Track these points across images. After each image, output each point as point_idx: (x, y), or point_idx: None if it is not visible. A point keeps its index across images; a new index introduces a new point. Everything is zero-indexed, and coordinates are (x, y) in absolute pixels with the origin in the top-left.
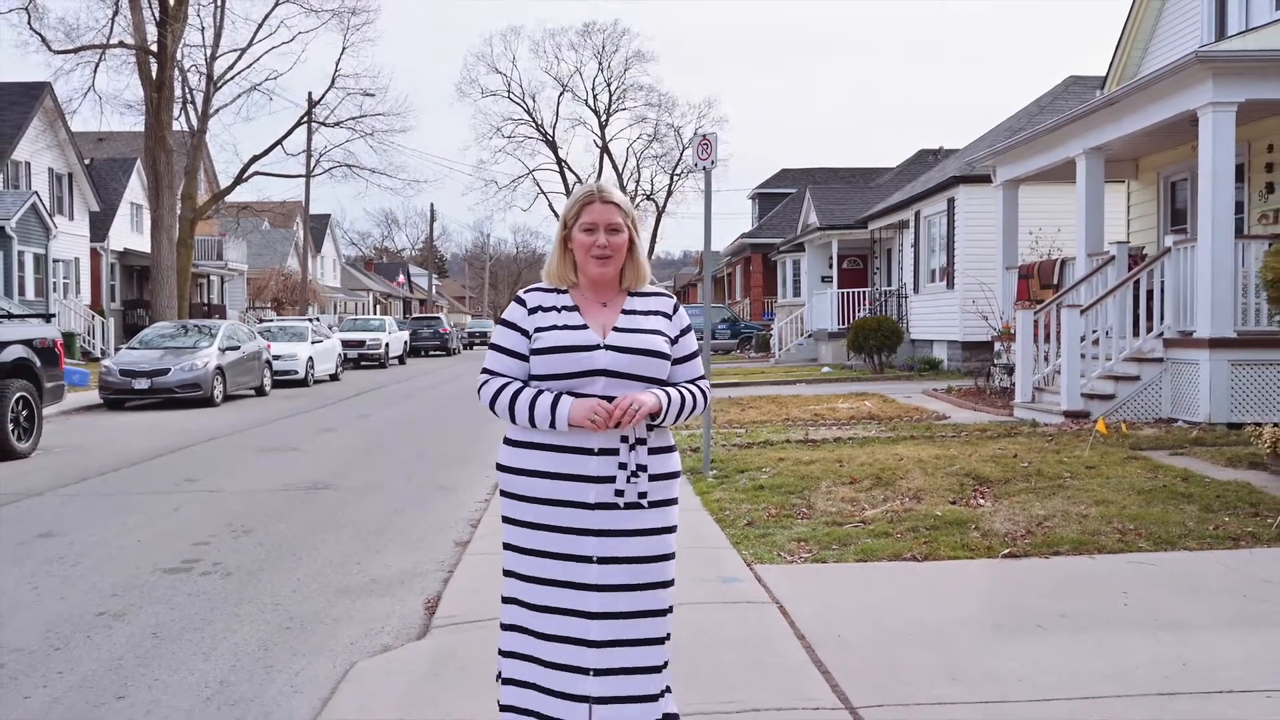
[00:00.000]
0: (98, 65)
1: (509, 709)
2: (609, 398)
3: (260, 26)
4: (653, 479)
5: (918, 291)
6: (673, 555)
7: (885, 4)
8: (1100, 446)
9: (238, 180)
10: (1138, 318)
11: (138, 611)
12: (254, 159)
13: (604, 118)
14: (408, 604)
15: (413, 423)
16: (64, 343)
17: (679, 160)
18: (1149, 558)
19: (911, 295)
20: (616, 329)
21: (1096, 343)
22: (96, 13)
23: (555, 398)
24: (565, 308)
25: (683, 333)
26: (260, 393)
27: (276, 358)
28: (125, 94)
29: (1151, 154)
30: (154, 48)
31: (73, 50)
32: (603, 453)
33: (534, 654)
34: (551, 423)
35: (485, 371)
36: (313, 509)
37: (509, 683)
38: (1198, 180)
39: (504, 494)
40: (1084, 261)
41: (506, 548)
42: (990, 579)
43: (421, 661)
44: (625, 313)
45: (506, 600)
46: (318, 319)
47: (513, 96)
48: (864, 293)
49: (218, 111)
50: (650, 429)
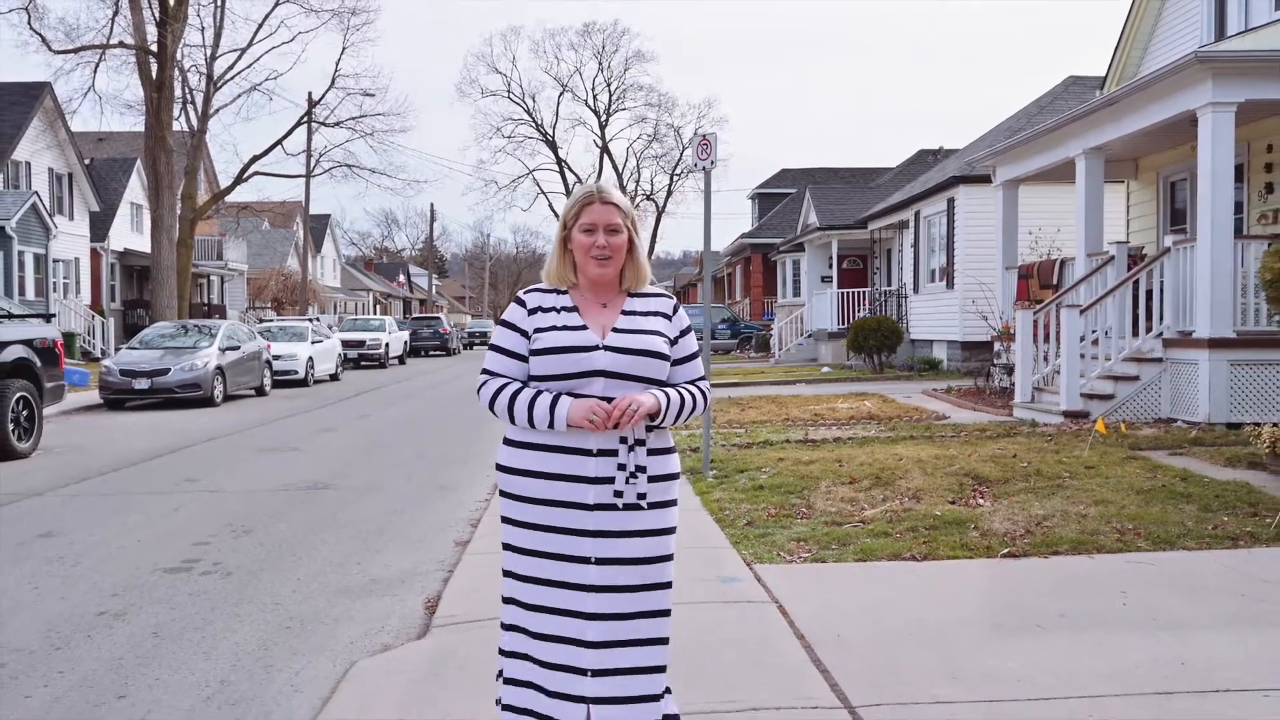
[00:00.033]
0: (98, 65)
1: (509, 708)
2: (608, 398)
3: (260, 26)
4: (652, 480)
5: (917, 291)
6: (672, 556)
7: (885, 4)
8: (1099, 446)
9: (238, 180)
10: (1137, 318)
11: (138, 611)
12: (254, 159)
13: (604, 118)
14: (408, 604)
15: (413, 423)
16: (64, 343)
17: (679, 160)
18: (1148, 557)
19: (911, 295)
20: (616, 330)
21: (1096, 343)
22: (96, 13)
23: (554, 398)
24: (565, 308)
25: (682, 333)
26: (260, 393)
27: (276, 358)
28: (125, 94)
29: (1151, 154)
30: (154, 48)
31: (73, 50)
32: (602, 454)
33: (532, 654)
34: (550, 423)
35: (485, 372)
36: (313, 509)
37: (510, 682)
38: (1197, 180)
39: (503, 494)
40: (1083, 261)
41: (506, 548)
42: (989, 579)
43: (421, 661)
44: (625, 313)
45: (506, 600)
46: (318, 319)
47: (513, 96)
48: (864, 293)
49: (218, 111)
50: (649, 430)
